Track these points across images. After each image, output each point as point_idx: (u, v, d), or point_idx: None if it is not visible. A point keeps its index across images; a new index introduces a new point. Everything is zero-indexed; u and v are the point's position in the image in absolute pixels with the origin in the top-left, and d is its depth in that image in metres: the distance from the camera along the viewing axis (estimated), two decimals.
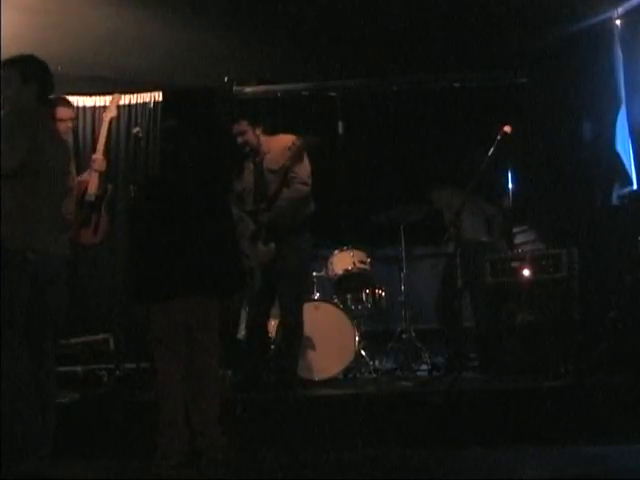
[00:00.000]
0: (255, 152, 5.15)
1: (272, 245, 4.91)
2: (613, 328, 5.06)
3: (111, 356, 5.52)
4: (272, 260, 4.93)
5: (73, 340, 5.47)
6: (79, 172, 5.35)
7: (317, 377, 5.38)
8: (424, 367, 5.78)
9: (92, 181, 5.26)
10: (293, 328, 5.05)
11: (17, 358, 3.53)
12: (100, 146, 5.40)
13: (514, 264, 5.37)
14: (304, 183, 5.00)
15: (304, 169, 5.04)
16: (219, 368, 4.11)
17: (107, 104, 7.02)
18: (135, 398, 4.73)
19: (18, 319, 3.54)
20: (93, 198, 5.24)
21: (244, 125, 5.11)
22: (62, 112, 5.02)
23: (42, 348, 3.68)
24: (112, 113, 5.60)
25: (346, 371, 5.56)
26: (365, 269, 5.90)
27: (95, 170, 5.30)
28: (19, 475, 3.57)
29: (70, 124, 5.11)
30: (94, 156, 5.42)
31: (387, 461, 4.01)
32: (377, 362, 5.86)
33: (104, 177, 5.38)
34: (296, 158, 4.94)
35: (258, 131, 5.13)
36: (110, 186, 5.43)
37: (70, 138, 5.33)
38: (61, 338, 5.19)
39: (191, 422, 3.87)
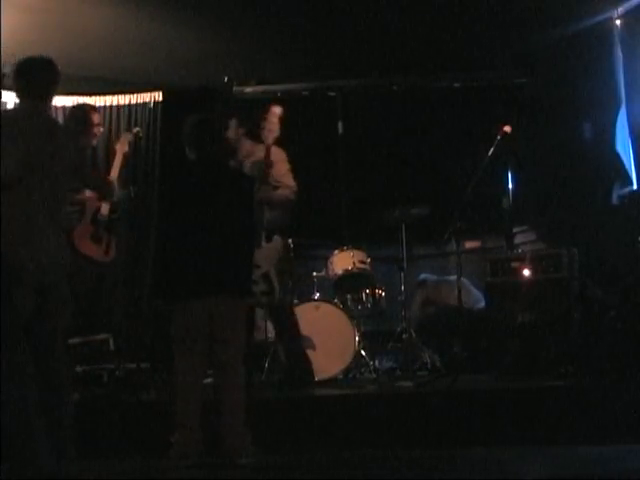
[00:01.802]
0: (232, 152, 5.15)
1: (276, 237, 4.94)
2: (613, 328, 5.06)
3: (111, 356, 5.52)
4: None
5: (73, 340, 5.46)
6: None
7: (317, 377, 5.38)
8: (424, 367, 5.77)
9: (104, 205, 5.31)
10: (285, 327, 5.11)
11: (19, 367, 3.52)
12: (114, 174, 5.44)
13: (514, 264, 5.37)
14: (290, 188, 5.10)
15: (289, 177, 5.13)
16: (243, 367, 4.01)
17: (106, 104, 7.08)
18: (135, 398, 4.72)
19: (18, 329, 3.49)
20: (107, 219, 5.31)
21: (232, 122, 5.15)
22: (96, 117, 5.16)
23: (49, 354, 3.66)
24: (125, 149, 5.65)
25: (346, 371, 5.56)
26: (365, 269, 5.90)
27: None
28: (20, 476, 3.60)
29: (102, 128, 5.23)
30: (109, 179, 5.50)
31: (387, 461, 4.01)
32: (377, 362, 5.85)
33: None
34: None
35: (241, 131, 5.14)
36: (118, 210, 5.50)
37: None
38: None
39: (220, 422, 3.83)
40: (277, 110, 5.04)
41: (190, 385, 3.86)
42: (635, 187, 5.96)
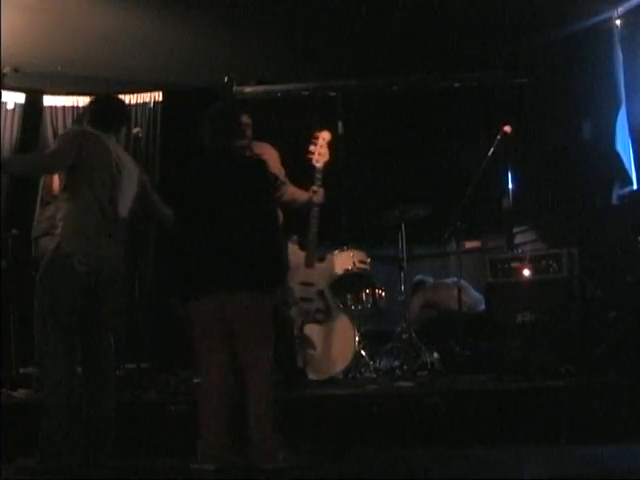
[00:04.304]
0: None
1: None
2: (613, 328, 5.06)
3: None
4: None
5: None
6: None
7: (317, 377, 5.37)
8: (424, 367, 5.77)
9: None
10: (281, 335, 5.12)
11: (58, 361, 3.67)
12: None
13: (514, 264, 5.37)
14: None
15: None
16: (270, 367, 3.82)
17: None
18: (135, 398, 4.72)
19: (62, 324, 3.70)
20: None
21: (247, 119, 5.14)
22: None
23: (97, 351, 3.85)
24: None
25: (346, 371, 5.55)
26: (365, 269, 5.89)
27: None
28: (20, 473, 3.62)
29: None
30: None
31: (387, 461, 4.01)
32: (377, 362, 5.85)
33: None
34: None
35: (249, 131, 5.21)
36: None
37: None
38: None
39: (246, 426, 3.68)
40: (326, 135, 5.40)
41: (213, 387, 3.69)
42: (635, 187, 5.96)
